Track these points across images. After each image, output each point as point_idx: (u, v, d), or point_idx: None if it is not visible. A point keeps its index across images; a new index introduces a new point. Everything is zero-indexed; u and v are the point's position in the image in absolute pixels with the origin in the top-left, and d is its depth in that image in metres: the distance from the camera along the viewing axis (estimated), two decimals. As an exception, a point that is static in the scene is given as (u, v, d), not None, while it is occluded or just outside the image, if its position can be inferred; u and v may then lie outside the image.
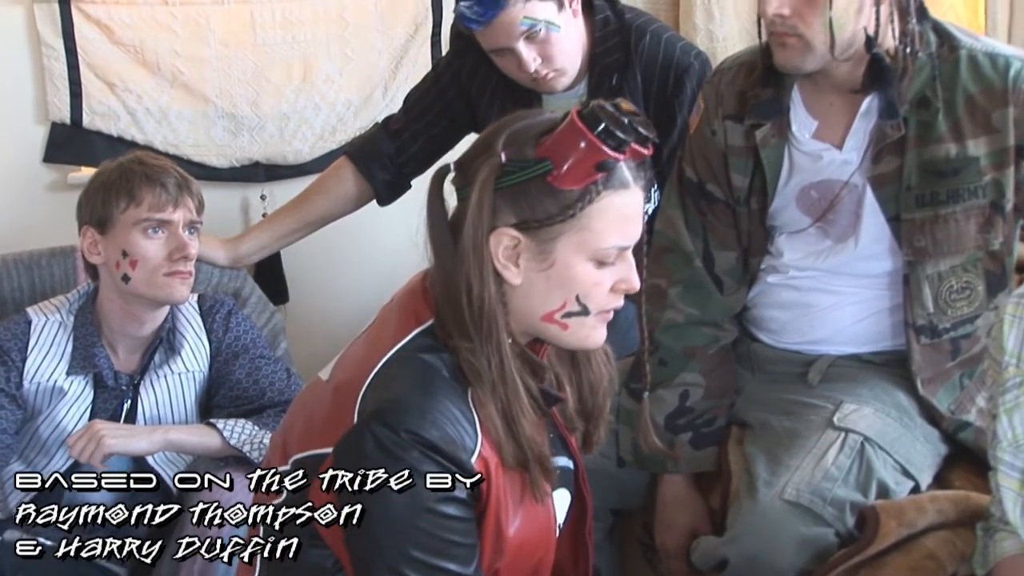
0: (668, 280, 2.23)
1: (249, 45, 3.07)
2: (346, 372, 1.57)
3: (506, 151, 1.52)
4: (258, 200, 3.16)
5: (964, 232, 2.05)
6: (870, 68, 1.98)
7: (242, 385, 2.34)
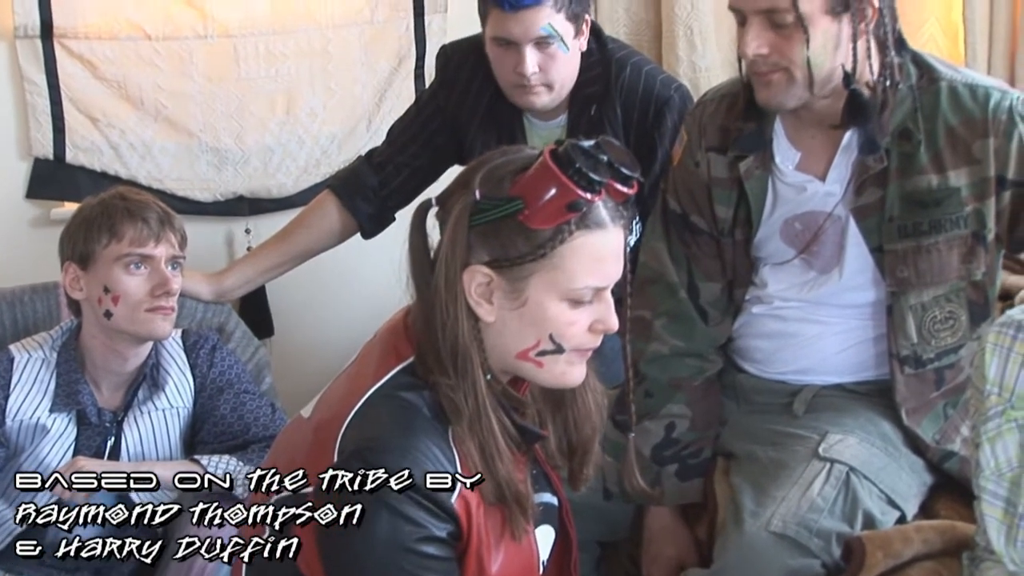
0: (653, 312, 2.23)
1: (233, 79, 3.08)
2: (327, 410, 1.56)
3: (481, 188, 1.52)
4: (243, 234, 3.16)
5: (947, 262, 2.05)
6: (849, 104, 1.99)
7: (227, 420, 2.33)
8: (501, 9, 2.30)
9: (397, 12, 3.22)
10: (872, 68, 1.98)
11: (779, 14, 1.91)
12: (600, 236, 1.53)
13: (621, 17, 3.42)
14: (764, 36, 1.94)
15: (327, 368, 1.83)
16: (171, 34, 3.01)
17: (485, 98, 2.52)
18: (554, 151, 1.50)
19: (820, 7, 1.91)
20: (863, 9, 1.93)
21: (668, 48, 3.34)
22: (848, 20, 1.92)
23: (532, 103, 2.42)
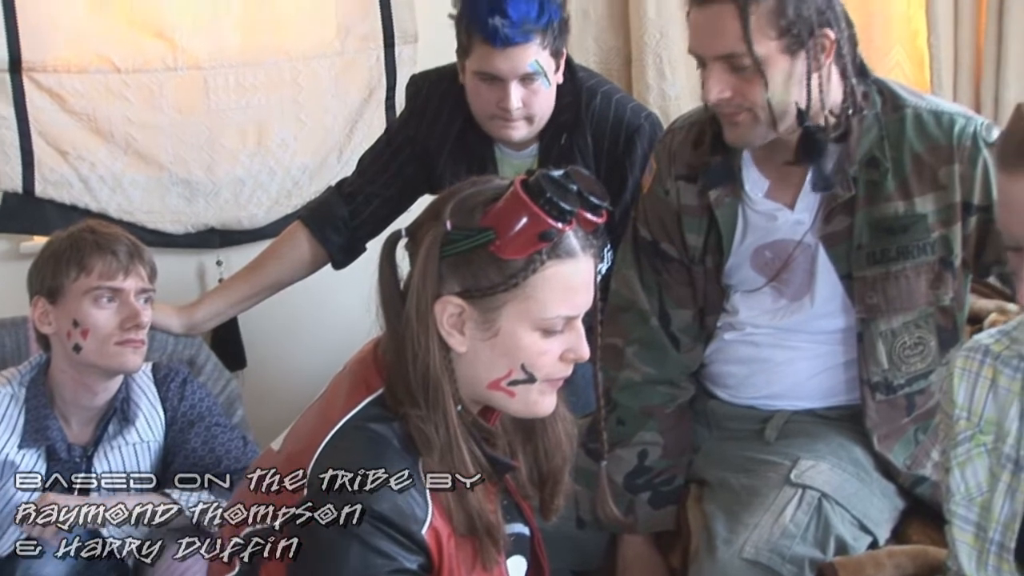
0: (624, 339, 2.24)
1: (203, 111, 3.07)
2: (296, 443, 1.56)
3: (452, 219, 1.52)
4: (214, 266, 3.16)
5: (915, 288, 2.06)
6: (802, 141, 2.00)
7: (198, 454, 2.32)
8: (491, 45, 2.31)
9: (367, 43, 3.22)
10: (829, 100, 1.99)
11: (737, 58, 1.93)
12: (571, 265, 1.53)
13: (591, 46, 3.44)
14: (725, 80, 1.96)
15: (300, 399, 1.82)
16: (140, 66, 3.00)
17: (455, 128, 2.53)
18: (525, 181, 1.51)
19: (777, 48, 1.92)
20: (820, 43, 1.95)
21: (638, 76, 3.36)
22: (804, 57, 1.94)
23: (511, 136, 2.43)
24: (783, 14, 1.91)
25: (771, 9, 1.90)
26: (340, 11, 3.20)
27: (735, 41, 1.91)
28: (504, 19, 2.27)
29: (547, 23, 2.32)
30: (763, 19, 1.90)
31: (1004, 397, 1.61)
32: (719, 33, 1.93)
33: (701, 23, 1.97)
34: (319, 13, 3.19)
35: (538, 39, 2.31)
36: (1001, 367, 1.62)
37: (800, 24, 1.91)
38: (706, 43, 1.97)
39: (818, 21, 1.93)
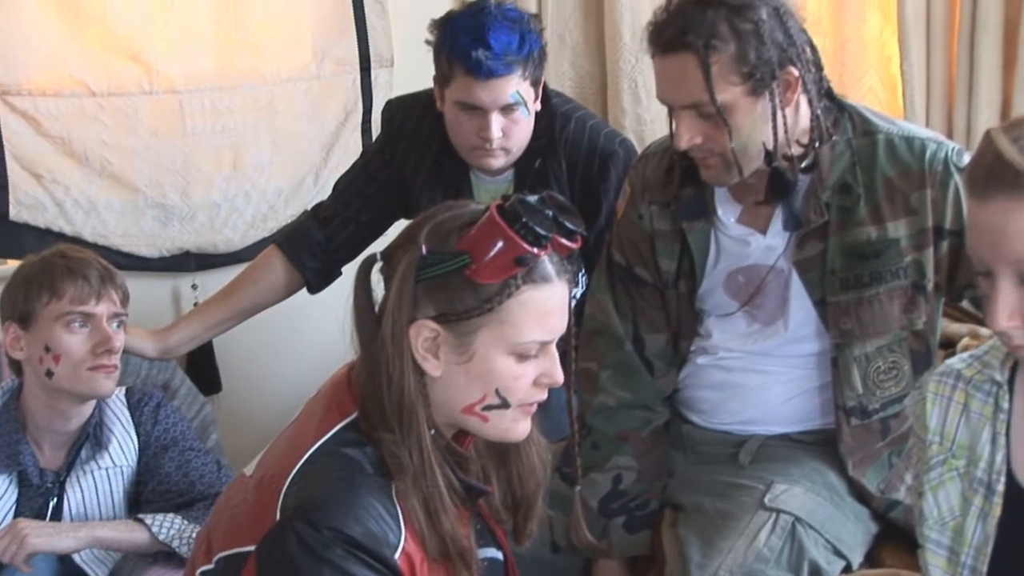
0: (599, 364, 2.24)
1: (178, 135, 3.07)
2: (269, 468, 1.55)
3: (428, 243, 1.52)
4: (189, 289, 3.15)
5: (888, 313, 2.07)
6: (771, 181, 2.02)
7: (171, 479, 2.30)
8: (474, 77, 2.31)
9: (343, 67, 3.23)
10: (797, 131, 2.01)
11: (703, 106, 1.95)
12: (546, 290, 1.54)
13: (567, 70, 3.46)
14: (695, 126, 1.98)
15: (275, 424, 1.81)
16: (115, 90, 3.00)
17: (431, 153, 2.53)
18: (501, 206, 1.51)
19: (741, 92, 1.94)
20: (784, 82, 1.96)
21: (613, 101, 3.38)
22: (769, 97, 1.95)
23: (491, 165, 2.44)
24: (744, 60, 1.92)
25: (732, 56, 1.92)
26: (316, 35, 3.20)
27: (698, 90, 1.93)
28: (487, 51, 2.28)
29: (528, 54, 2.33)
30: (725, 67, 1.92)
31: (976, 421, 1.61)
32: (682, 83, 1.95)
33: (665, 73, 1.99)
34: (295, 37, 3.19)
35: (519, 70, 2.32)
36: (973, 391, 1.63)
37: (762, 67, 1.93)
38: (671, 93, 1.99)
39: (780, 61, 1.94)
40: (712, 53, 1.91)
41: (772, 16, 1.94)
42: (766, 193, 2.03)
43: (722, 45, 1.91)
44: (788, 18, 1.96)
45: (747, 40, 1.91)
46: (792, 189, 2.02)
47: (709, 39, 1.90)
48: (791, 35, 1.95)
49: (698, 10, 1.92)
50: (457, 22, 2.33)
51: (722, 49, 1.91)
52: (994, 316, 1.44)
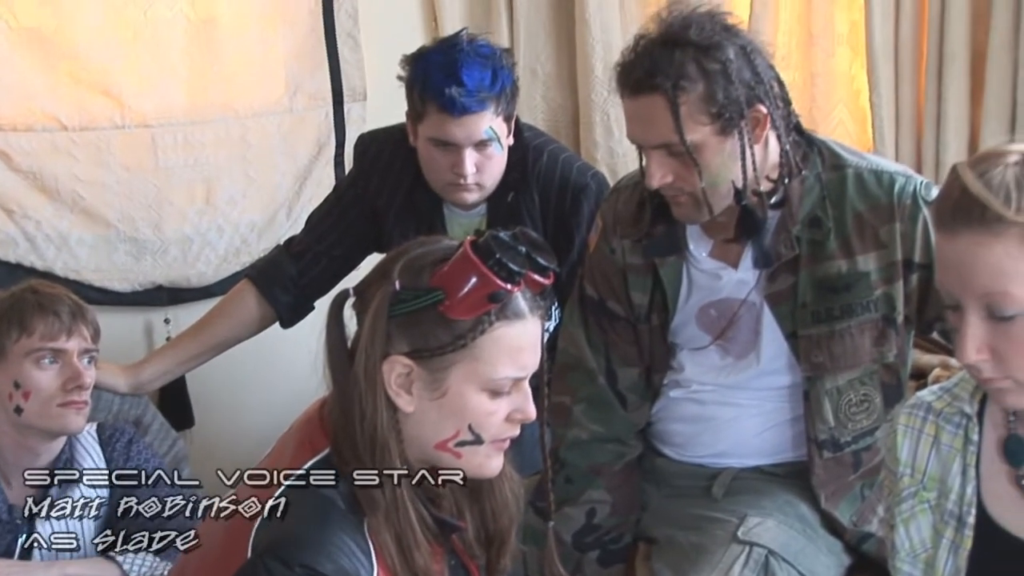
0: (572, 397, 2.24)
1: (150, 169, 3.07)
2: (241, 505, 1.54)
3: (401, 279, 1.53)
4: (162, 324, 3.14)
5: (859, 346, 2.08)
6: (740, 220, 2.03)
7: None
8: (447, 114, 2.31)
9: (316, 100, 3.24)
10: (766, 166, 2.02)
11: (674, 146, 1.96)
12: (519, 327, 1.54)
13: (539, 103, 3.48)
14: (666, 165, 1.99)
15: (248, 459, 1.80)
16: (87, 124, 2.99)
17: (404, 187, 2.54)
18: (474, 242, 1.52)
19: (710, 132, 1.95)
20: (753, 120, 1.98)
21: (585, 134, 3.39)
22: (738, 136, 1.97)
23: (465, 200, 2.44)
24: (713, 100, 1.93)
25: (700, 96, 1.93)
26: (289, 69, 3.21)
27: (668, 131, 1.94)
28: (460, 88, 2.29)
29: (500, 90, 2.34)
30: (693, 107, 1.93)
31: (946, 453, 1.62)
32: (652, 124, 1.96)
33: (634, 114, 2.01)
34: (268, 71, 3.20)
35: (492, 106, 2.33)
36: (943, 424, 1.63)
37: (731, 107, 1.94)
38: (641, 133, 2.01)
39: (748, 99, 1.96)
40: (681, 94, 1.92)
41: (739, 55, 1.95)
42: (736, 231, 2.05)
43: (690, 86, 1.92)
44: (755, 56, 1.98)
45: (715, 80, 1.93)
46: (761, 228, 2.03)
47: (677, 80, 1.92)
48: (758, 73, 1.97)
49: (666, 51, 1.94)
50: (429, 58, 2.34)
51: (690, 90, 1.92)
52: (963, 350, 1.45)
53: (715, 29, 1.96)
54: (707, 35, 1.94)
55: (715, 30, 1.95)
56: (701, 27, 1.95)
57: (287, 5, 3.18)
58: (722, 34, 1.96)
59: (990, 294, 1.41)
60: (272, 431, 1.80)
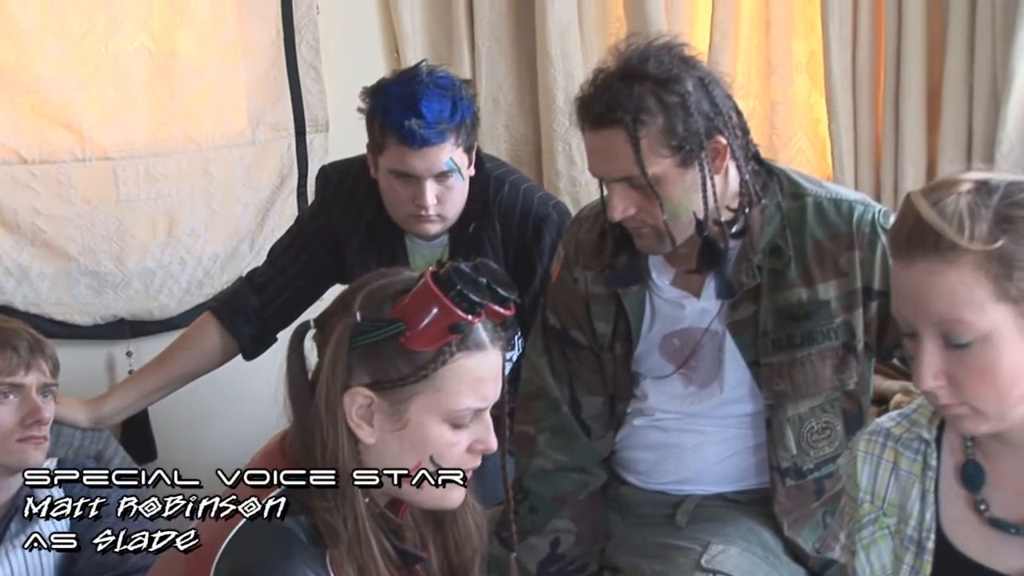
0: (536, 427, 2.24)
1: (112, 202, 3.06)
2: (201, 537, 1.54)
3: (362, 310, 1.53)
4: (124, 357, 3.12)
5: (820, 374, 2.09)
6: (702, 251, 2.04)
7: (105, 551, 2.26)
8: (407, 146, 2.32)
9: (278, 132, 3.24)
10: (727, 196, 2.04)
11: (636, 179, 1.97)
12: (480, 358, 1.55)
13: (501, 134, 3.49)
14: (628, 198, 2.00)
15: (211, 492, 1.80)
16: (47, 157, 2.98)
17: (365, 218, 2.54)
18: (435, 274, 1.52)
19: (671, 164, 1.96)
20: (713, 150, 1.99)
21: (548, 163, 3.41)
22: (698, 167, 1.98)
23: (427, 232, 2.45)
24: (673, 133, 1.95)
25: (660, 129, 1.95)
26: (251, 100, 3.22)
27: (629, 164, 1.96)
28: (420, 120, 2.29)
29: (460, 121, 2.34)
30: (654, 140, 1.95)
31: (905, 479, 1.63)
32: (613, 157, 1.98)
33: (595, 148, 2.02)
34: (230, 103, 3.20)
35: (452, 138, 2.33)
36: (902, 450, 1.64)
37: (691, 139, 1.95)
38: (602, 166, 2.02)
39: (707, 130, 1.97)
40: (641, 127, 1.93)
41: (698, 87, 1.97)
42: (697, 263, 2.06)
43: (650, 119, 1.94)
44: (713, 87, 1.99)
45: (674, 113, 1.94)
46: (723, 259, 2.04)
47: (637, 114, 1.93)
48: (717, 104, 1.99)
49: (625, 85, 1.95)
50: (389, 91, 2.35)
51: (650, 123, 1.94)
52: (920, 377, 1.46)
53: (673, 62, 1.97)
54: (665, 68, 1.96)
55: (673, 63, 1.97)
56: (659, 60, 1.96)
57: (248, 37, 3.19)
58: (680, 66, 1.97)
59: (945, 321, 1.42)
60: (235, 464, 1.79)
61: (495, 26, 3.44)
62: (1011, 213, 1.41)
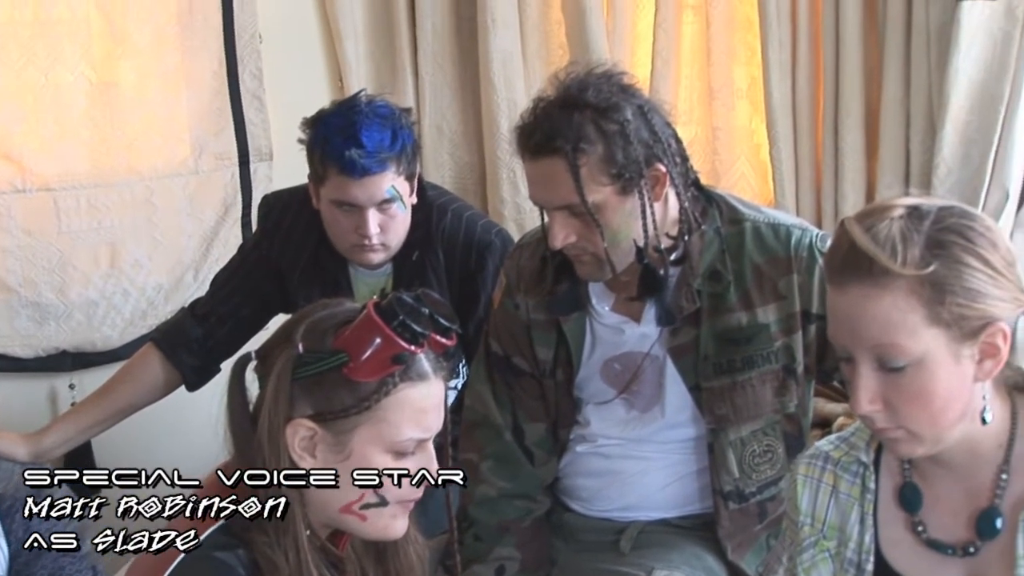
0: (479, 454, 2.24)
1: (53, 233, 3.02)
2: (139, 572, 1.52)
3: (304, 342, 1.53)
4: (66, 389, 3.08)
5: (761, 397, 2.11)
6: (642, 278, 2.05)
7: None
8: (348, 176, 2.31)
9: (222, 161, 3.23)
10: (666, 223, 2.06)
11: (576, 207, 1.98)
12: (423, 388, 1.55)
13: (446, 161, 3.50)
14: (568, 225, 2.01)
15: (154, 525, 1.78)
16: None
17: (308, 248, 2.53)
18: (378, 304, 1.52)
19: (611, 192, 1.98)
20: (652, 178, 2.01)
21: (492, 190, 3.42)
22: (638, 195, 1.99)
23: (371, 261, 2.44)
24: (612, 161, 1.96)
25: (600, 157, 1.96)
26: (194, 130, 3.20)
27: (569, 193, 1.97)
28: (360, 150, 2.29)
29: (401, 149, 2.34)
30: (594, 168, 1.96)
31: (845, 502, 1.65)
32: (553, 186, 1.99)
33: (535, 176, 2.03)
34: (172, 132, 3.18)
35: (393, 166, 2.33)
36: (841, 473, 1.66)
37: (630, 166, 1.97)
38: (542, 195, 2.03)
39: (647, 158, 1.99)
40: (580, 156, 1.95)
41: (637, 115, 1.98)
42: (638, 290, 2.07)
43: (590, 148, 1.95)
44: (652, 115, 2.01)
45: (614, 141, 1.96)
46: (663, 287, 2.05)
47: (577, 143, 1.94)
48: (656, 131, 2.00)
49: (564, 114, 1.96)
50: (328, 121, 2.34)
51: (590, 152, 1.95)
52: (857, 401, 1.48)
53: (612, 90, 1.99)
54: (604, 96, 1.97)
55: (612, 91, 1.99)
56: (598, 89, 1.98)
57: (191, 66, 3.18)
58: (619, 95, 1.99)
59: (880, 346, 1.44)
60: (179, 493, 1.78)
61: (438, 54, 3.45)
62: (942, 238, 1.43)
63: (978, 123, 2.74)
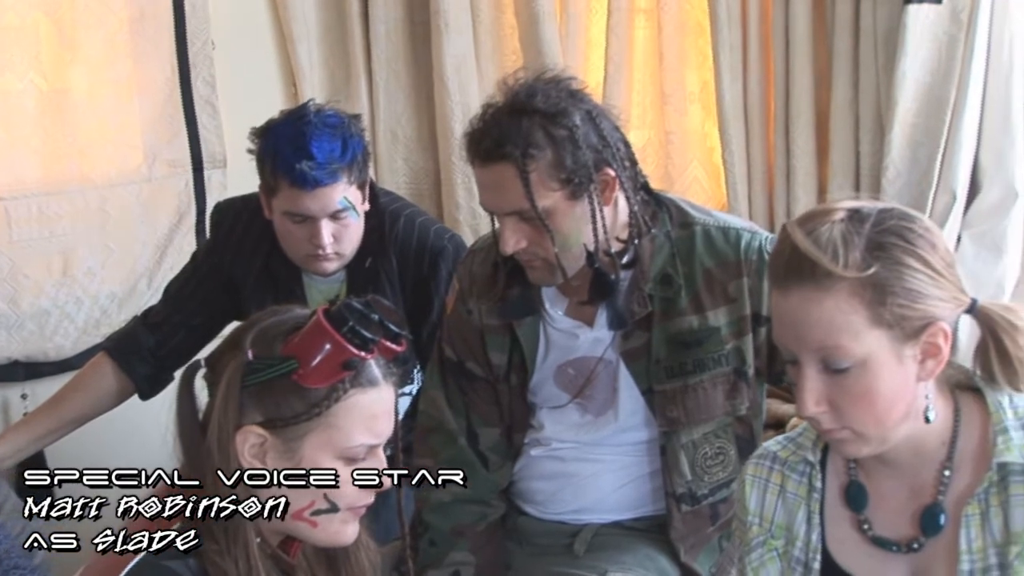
0: (434, 460, 2.24)
1: (4, 242, 2.99)
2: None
3: (254, 349, 1.53)
4: (19, 400, 3.05)
5: (712, 399, 2.12)
6: (593, 284, 2.06)
7: None
8: (300, 188, 2.30)
9: (175, 168, 3.21)
10: (616, 227, 2.07)
11: (526, 212, 1.99)
12: (373, 394, 1.55)
13: (400, 167, 3.51)
14: (519, 231, 2.02)
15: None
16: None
17: (261, 255, 2.53)
18: (327, 311, 1.53)
19: (561, 197, 1.99)
20: (602, 182, 2.01)
21: (447, 195, 3.43)
22: (587, 199, 2.00)
23: (325, 270, 2.44)
24: (561, 166, 1.97)
25: (549, 163, 1.97)
26: (146, 137, 3.18)
27: (519, 198, 1.97)
28: (311, 161, 2.28)
29: (352, 159, 2.33)
30: (543, 174, 1.97)
31: (792, 502, 1.66)
32: (503, 191, 1.99)
33: (485, 182, 2.04)
34: (125, 139, 3.17)
35: (345, 176, 2.33)
36: (788, 472, 1.68)
37: (580, 171, 1.98)
38: (493, 201, 2.04)
39: (596, 163, 1.99)
40: (530, 162, 1.95)
41: (585, 120, 1.99)
42: (589, 294, 2.08)
43: (539, 153, 1.96)
44: (601, 119, 2.02)
45: (563, 146, 1.96)
46: (614, 291, 2.06)
47: (526, 148, 1.95)
48: (605, 136, 2.01)
49: (513, 119, 1.97)
50: (278, 132, 2.33)
51: (539, 157, 1.96)
52: (802, 403, 1.50)
53: (560, 96, 2.00)
54: (553, 102, 1.98)
55: (561, 96, 2.00)
56: (547, 95, 1.99)
57: (143, 73, 3.17)
58: (568, 100, 2.00)
59: (824, 348, 1.46)
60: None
61: (392, 59, 3.46)
62: (883, 240, 1.45)
63: (925, 126, 2.78)
